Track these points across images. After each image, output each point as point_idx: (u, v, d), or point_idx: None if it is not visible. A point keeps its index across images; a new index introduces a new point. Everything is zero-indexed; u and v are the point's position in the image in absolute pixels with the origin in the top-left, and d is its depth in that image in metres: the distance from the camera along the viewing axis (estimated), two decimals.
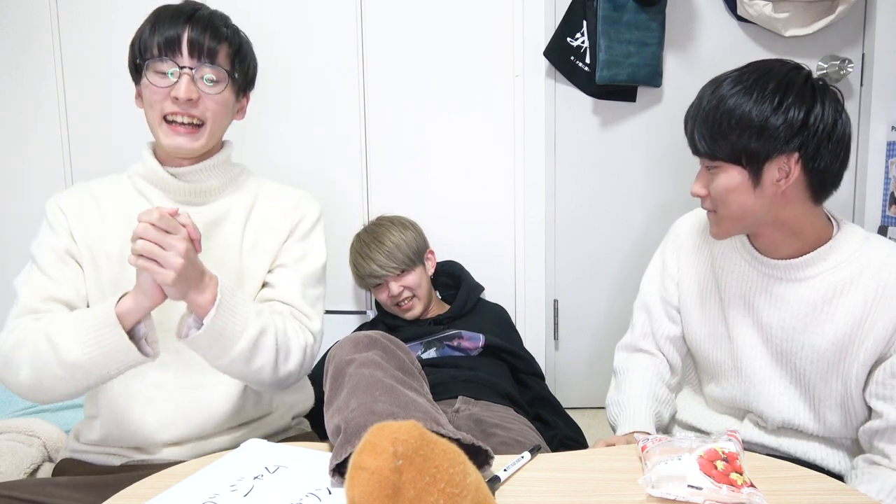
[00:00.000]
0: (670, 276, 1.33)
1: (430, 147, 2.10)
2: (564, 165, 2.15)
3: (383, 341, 1.09)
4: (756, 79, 1.09)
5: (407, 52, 2.07)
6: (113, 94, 2.11)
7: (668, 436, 1.01)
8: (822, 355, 1.13)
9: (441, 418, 0.94)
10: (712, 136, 1.11)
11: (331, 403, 1.00)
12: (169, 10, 1.20)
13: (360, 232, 1.91)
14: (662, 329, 1.34)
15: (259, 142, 2.11)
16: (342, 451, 0.86)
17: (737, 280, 1.22)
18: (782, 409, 1.18)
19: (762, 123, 1.06)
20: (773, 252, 1.17)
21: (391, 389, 0.97)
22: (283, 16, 2.06)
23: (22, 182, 2.18)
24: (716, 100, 1.11)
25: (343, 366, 1.03)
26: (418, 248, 1.85)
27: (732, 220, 1.15)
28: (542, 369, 2.24)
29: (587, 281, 2.21)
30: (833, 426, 1.16)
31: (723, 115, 1.09)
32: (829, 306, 1.13)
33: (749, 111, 1.07)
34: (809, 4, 1.96)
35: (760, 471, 0.93)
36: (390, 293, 1.79)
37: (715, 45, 2.06)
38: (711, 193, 1.15)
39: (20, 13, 2.10)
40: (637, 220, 2.17)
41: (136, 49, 1.20)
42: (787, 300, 1.16)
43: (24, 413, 1.72)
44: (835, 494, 0.89)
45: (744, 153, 1.09)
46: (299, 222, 1.30)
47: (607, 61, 1.96)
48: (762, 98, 1.07)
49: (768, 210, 1.12)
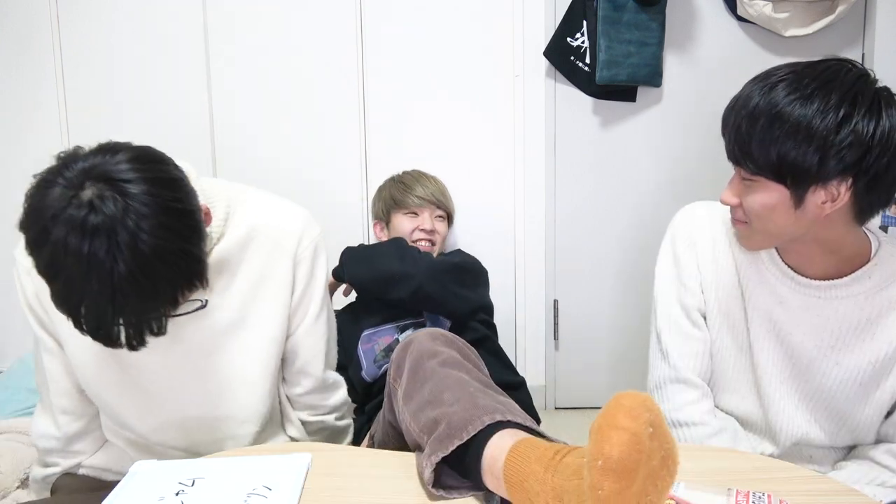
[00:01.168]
0: (691, 276, 1.19)
1: (429, 147, 2.11)
2: (564, 165, 2.15)
3: (458, 343, 1.06)
4: (818, 87, 0.93)
5: (407, 52, 2.07)
6: (113, 93, 2.11)
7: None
8: (856, 375, 1.07)
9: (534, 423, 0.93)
10: (759, 147, 0.96)
11: (411, 397, 0.96)
12: None
13: (404, 171, 1.97)
14: (693, 346, 1.18)
15: (257, 144, 2.11)
16: (448, 444, 0.85)
17: (765, 293, 1.11)
18: (800, 426, 1.12)
19: (823, 141, 0.91)
20: (807, 268, 1.07)
21: (484, 387, 0.95)
22: (283, 16, 2.06)
23: (22, 182, 2.17)
24: (767, 105, 0.95)
25: (423, 360, 0.99)
26: (454, 209, 1.95)
27: (767, 236, 1.04)
28: (542, 369, 2.25)
29: (587, 281, 2.21)
30: (843, 441, 1.13)
31: (775, 126, 0.94)
32: (872, 325, 1.05)
33: (808, 124, 0.92)
34: (809, 4, 1.96)
35: (760, 471, 0.93)
36: (422, 224, 1.80)
37: (715, 45, 2.06)
38: (745, 206, 1.03)
39: (20, 13, 2.10)
40: (637, 221, 2.17)
41: None
42: (825, 317, 1.07)
43: (24, 413, 1.72)
44: (835, 495, 0.89)
45: (791, 172, 0.95)
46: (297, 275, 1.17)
47: (607, 61, 1.96)
48: (825, 110, 0.92)
49: (807, 230, 1.01)
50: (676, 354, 1.17)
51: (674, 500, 0.87)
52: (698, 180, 2.12)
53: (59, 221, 0.83)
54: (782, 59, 2.09)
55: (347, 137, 2.10)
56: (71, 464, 1.15)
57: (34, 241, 0.87)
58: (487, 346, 1.62)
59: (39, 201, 0.87)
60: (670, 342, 1.18)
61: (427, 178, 1.91)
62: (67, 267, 0.84)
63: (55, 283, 0.86)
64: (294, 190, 2.08)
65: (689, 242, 1.19)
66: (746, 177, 1.01)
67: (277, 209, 1.17)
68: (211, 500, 0.86)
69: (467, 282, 1.66)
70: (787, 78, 0.96)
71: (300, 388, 1.19)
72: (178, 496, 0.88)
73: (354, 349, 1.60)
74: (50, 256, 0.85)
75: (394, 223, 1.84)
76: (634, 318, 2.20)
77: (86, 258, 0.82)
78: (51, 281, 0.86)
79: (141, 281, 0.84)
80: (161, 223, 0.85)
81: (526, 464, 0.78)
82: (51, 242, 0.84)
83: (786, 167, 0.94)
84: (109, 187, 0.84)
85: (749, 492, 0.85)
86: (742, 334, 1.15)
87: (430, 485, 0.86)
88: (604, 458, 0.66)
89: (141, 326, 0.88)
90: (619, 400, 0.69)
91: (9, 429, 1.54)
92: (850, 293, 1.06)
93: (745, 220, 1.04)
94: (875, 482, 1.06)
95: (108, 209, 0.83)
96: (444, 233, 1.86)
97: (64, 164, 0.89)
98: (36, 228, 0.87)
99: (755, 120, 0.96)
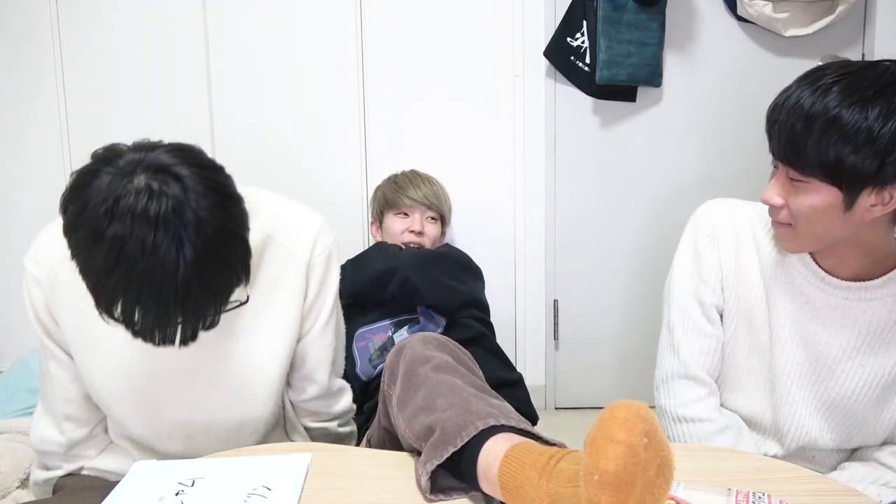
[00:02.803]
0: (711, 272, 1.17)
1: (429, 147, 2.10)
2: (564, 165, 2.15)
3: (450, 345, 1.06)
4: (877, 91, 0.92)
5: (407, 52, 2.07)
6: (113, 93, 2.11)
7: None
8: (880, 378, 1.07)
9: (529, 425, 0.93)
10: (816, 149, 0.94)
11: (405, 404, 0.96)
12: None
13: (403, 171, 1.95)
14: (705, 343, 1.17)
15: (257, 144, 2.11)
16: (443, 451, 0.84)
17: (791, 293, 1.10)
18: (810, 432, 1.11)
19: (884, 146, 0.90)
20: (839, 269, 1.06)
21: (477, 390, 0.94)
22: (283, 16, 2.06)
23: (22, 182, 2.18)
24: (823, 108, 0.93)
25: (416, 365, 0.99)
26: (450, 211, 1.95)
27: (812, 238, 1.02)
28: (542, 369, 2.25)
29: (587, 281, 2.21)
30: (851, 445, 1.13)
31: (833, 129, 0.92)
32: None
33: (869, 129, 0.90)
34: (809, 4, 1.96)
35: (760, 471, 0.93)
36: (412, 226, 1.80)
37: (715, 45, 2.06)
38: (791, 207, 1.00)
39: (20, 13, 2.10)
40: (637, 221, 2.17)
41: None
42: (853, 318, 1.07)
43: (25, 413, 1.72)
44: (835, 495, 0.89)
45: (848, 175, 0.93)
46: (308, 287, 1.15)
47: (607, 61, 1.96)
48: (886, 115, 0.90)
49: (852, 232, 1.00)
50: (687, 350, 1.16)
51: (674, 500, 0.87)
52: (699, 180, 2.12)
53: (117, 214, 0.78)
54: (782, 59, 2.11)
55: (347, 137, 2.10)
56: (73, 467, 1.15)
57: (86, 238, 0.80)
58: (484, 344, 1.62)
59: (87, 195, 0.80)
60: (682, 337, 1.17)
61: (422, 180, 1.90)
62: (128, 260, 0.78)
63: (108, 279, 0.79)
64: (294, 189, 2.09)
65: (711, 238, 1.17)
66: (796, 178, 0.99)
67: (292, 216, 1.15)
68: (211, 500, 0.86)
69: (454, 273, 1.67)
70: (843, 80, 0.94)
71: (305, 395, 1.19)
72: (178, 496, 0.87)
73: (349, 347, 1.60)
74: (107, 253, 0.78)
75: (385, 223, 1.85)
76: (635, 318, 2.20)
77: (150, 248, 0.78)
78: (103, 279, 0.80)
79: (206, 267, 0.81)
80: (219, 204, 0.83)
81: (521, 469, 0.78)
82: (108, 238, 0.78)
83: (843, 170, 0.93)
84: (162, 173, 0.80)
85: (749, 492, 0.85)
86: (763, 334, 1.13)
87: (428, 492, 0.86)
88: (600, 473, 0.66)
89: (198, 320, 0.85)
90: (614, 411, 0.69)
91: (9, 429, 1.54)
92: (881, 295, 1.05)
93: (789, 221, 1.02)
94: (879, 482, 1.06)
95: (171, 191, 0.79)
96: (434, 234, 1.84)
97: (104, 158, 0.83)
98: (88, 226, 0.79)
99: (811, 122, 0.94)
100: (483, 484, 0.83)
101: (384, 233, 1.86)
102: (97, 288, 0.81)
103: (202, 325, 0.87)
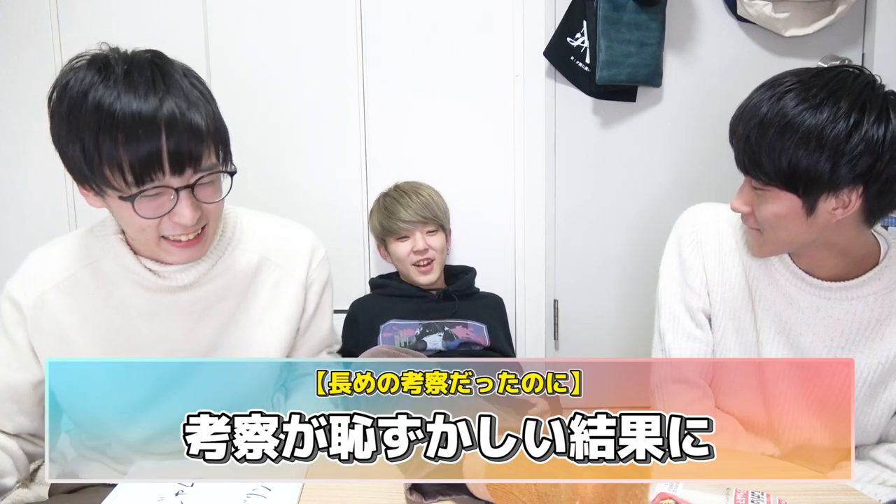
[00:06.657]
0: (696, 277, 1.19)
1: (429, 147, 2.10)
2: (564, 165, 2.15)
3: (401, 354, 1.11)
4: (827, 95, 0.94)
5: (407, 53, 2.07)
6: None
7: None
8: (866, 376, 1.08)
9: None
10: (770, 157, 0.97)
11: None
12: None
13: (388, 190, 1.93)
14: (696, 347, 1.19)
15: (257, 145, 2.11)
16: (421, 467, 0.84)
17: (774, 295, 1.12)
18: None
19: (835, 149, 0.92)
20: (817, 270, 1.09)
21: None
22: (283, 16, 2.06)
23: (22, 182, 2.18)
24: (777, 115, 0.96)
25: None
26: (446, 213, 1.91)
27: (779, 244, 1.06)
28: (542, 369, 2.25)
29: (587, 281, 2.21)
30: (845, 443, 1.13)
31: (786, 136, 0.95)
32: (882, 326, 1.07)
33: (820, 133, 0.92)
34: (809, 4, 1.96)
35: (760, 471, 0.93)
36: (415, 247, 1.78)
37: (715, 45, 2.06)
38: (756, 215, 1.04)
39: (20, 13, 2.10)
40: (637, 221, 2.17)
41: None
42: (835, 318, 1.08)
43: None
44: (834, 494, 0.89)
45: (803, 181, 0.96)
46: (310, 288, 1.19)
47: (607, 61, 1.96)
48: (835, 118, 0.92)
49: (819, 236, 1.02)
50: (678, 355, 1.18)
51: (673, 500, 0.88)
52: (699, 180, 2.12)
53: (101, 80, 0.98)
54: (782, 59, 2.11)
55: (347, 137, 2.10)
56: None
57: (73, 103, 0.97)
58: None
59: (69, 83, 1.00)
60: (673, 342, 1.19)
61: (409, 195, 1.85)
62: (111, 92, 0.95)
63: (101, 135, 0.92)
64: (294, 189, 2.09)
65: (695, 243, 1.20)
66: (758, 186, 1.01)
67: (286, 234, 1.19)
68: (211, 500, 0.86)
69: None
70: (796, 87, 0.96)
71: None
72: (178, 496, 0.88)
73: (376, 335, 1.60)
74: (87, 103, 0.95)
75: (391, 249, 1.86)
76: (635, 318, 2.20)
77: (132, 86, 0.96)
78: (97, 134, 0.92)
79: (194, 89, 1.01)
80: (200, 79, 1.05)
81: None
82: (91, 98, 0.96)
83: (797, 176, 0.96)
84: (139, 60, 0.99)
85: (748, 491, 0.85)
86: (750, 335, 1.15)
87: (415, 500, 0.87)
88: (580, 498, 0.72)
89: (182, 144, 0.95)
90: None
91: None
92: (861, 294, 1.07)
93: (758, 227, 1.05)
94: (876, 481, 1.06)
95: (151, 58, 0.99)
96: (439, 246, 1.82)
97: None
98: (74, 93, 0.98)
99: (765, 130, 0.97)
100: (472, 487, 0.85)
101: (392, 257, 1.87)
102: (94, 140, 0.92)
103: (188, 150, 0.96)
